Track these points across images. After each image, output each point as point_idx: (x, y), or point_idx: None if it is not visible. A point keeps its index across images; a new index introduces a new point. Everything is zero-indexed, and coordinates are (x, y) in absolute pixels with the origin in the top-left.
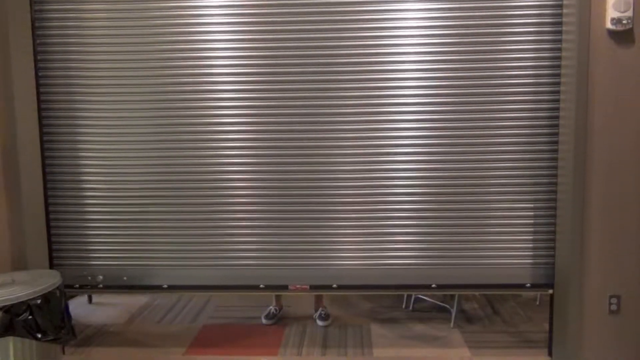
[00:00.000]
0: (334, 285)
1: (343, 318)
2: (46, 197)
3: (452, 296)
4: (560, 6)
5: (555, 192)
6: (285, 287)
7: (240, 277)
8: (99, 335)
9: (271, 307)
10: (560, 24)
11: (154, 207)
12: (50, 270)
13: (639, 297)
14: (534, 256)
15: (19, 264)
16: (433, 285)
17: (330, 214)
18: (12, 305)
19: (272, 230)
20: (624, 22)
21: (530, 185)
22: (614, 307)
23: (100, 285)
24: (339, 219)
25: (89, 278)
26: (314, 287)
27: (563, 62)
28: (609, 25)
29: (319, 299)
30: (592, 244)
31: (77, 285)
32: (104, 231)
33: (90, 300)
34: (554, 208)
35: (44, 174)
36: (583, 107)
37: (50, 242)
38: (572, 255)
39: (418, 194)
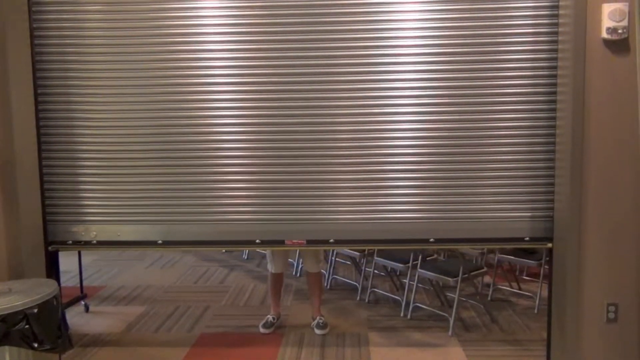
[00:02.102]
0: (331, 240)
1: (341, 326)
2: (40, 163)
3: (451, 305)
4: (557, 15)
5: (554, 143)
6: (281, 242)
7: (236, 233)
8: (96, 345)
9: (269, 315)
10: (556, 33)
11: (149, 162)
12: (47, 280)
13: (636, 305)
14: (532, 209)
15: (16, 272)
16: (431, 240)
17: (327, 167)
18: (9, 315)
19: (269, 184)
20: (620, 31)
21: (528, 137)
22: (611, 316)
23: (94, 242)
24: (337, 172)
25: (83, 234)
26: (310, 242)
27: (559, 71)
28: (604, 34)
29: (316, 308)
30: (590, 251)
31: (70, 242)
32: (97, 186)
33: (87, 309)
34: (553, 160)
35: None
36: (579, 115)
37: (43, 197)
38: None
39: (416, 147)
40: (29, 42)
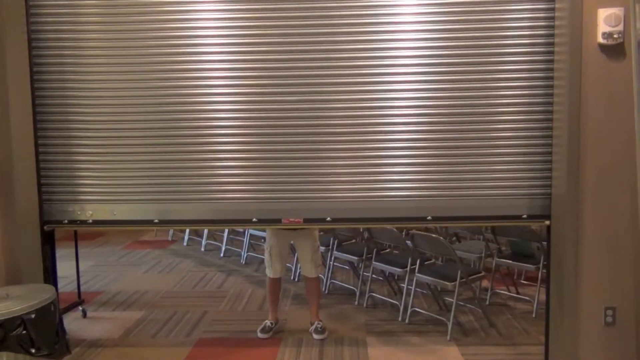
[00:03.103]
0: (328, 219)
1: (339, 331)
2: (36, 142)
3: (449, 309)
4: (553, 18)
5: (551, 119)
6: (278, 221)
7: (233, 211)
8: (94, 350)
9: (267, 320)
10: (552, 35)
11: (145, 140)
12: (45, 285)
13: (634, 308)
14: (530, 186)
15: (13, 278)
16: (429, 218)
17: (324, 146)
18: (6, 320)
19: (265, 163)
20: (615, 36)
21: (526, 114)
22: (609, 319)
23: (90, 221)
24: (334, 151)
25: (79, 213)
26: (307, 221)
27: (556, 73)
28: (600, 39)
29: (314, 313)
30: (587, 256)
31: (66, 221)
32: (93, 165)
33: (84, 314)
34: (550, 137)
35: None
36: (575, 119)
37: (38, 177)
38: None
39: (414, 124)
40: (26, 36)
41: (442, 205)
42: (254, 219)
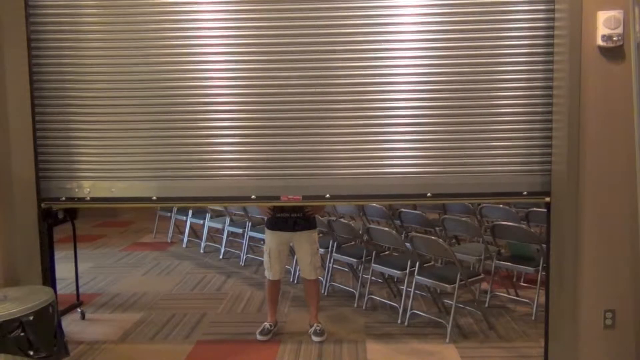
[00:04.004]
0: (327, 196)
1: (338, 333)
2: (33, 118)
3: (448, 311)
4: (552, 18)
5: (551, 95)
6: (277, 198)
7: (231, 188)
8: (92, 352)
9: (266, 322)
10: (552, 36)
11: (143, 116)
12: (43, 287)
13: (633, 311)
14: (530, 163)
15: (11, 279)
16: (428, 195)
17: (323, 122)
18: (4, 322)
19: (264, 139)
20: (615, 38)
21: (526, 89)
22: (609, 322)
23: (88, 198)
24: (333, 127)
25: (76, 190)
26: (306, 198)
27: (555, 74)
28: (600, 42)
29: (314, 315)
30: (586, 258)
31: (63, 198)
32: (91, 142)
33: (83, 316)
34: (550, 112)
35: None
36: (575, 122)
37: (35, 153)
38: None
39: (414, 100)
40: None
41: (442, 182)
42: (253, 196)
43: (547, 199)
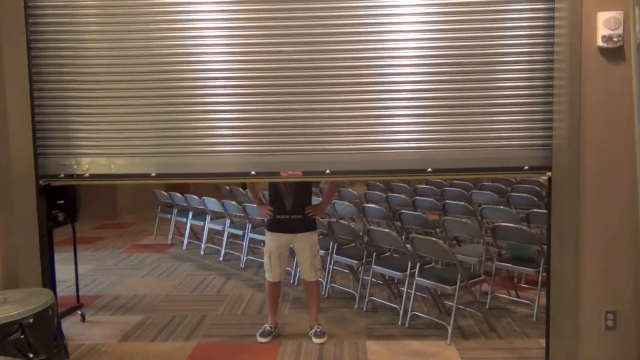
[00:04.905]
0: (327, 171)
1: (339, 335)
2: (32, 94)
3: (449, 313)
4: (552, 18)
5: (552, 69)
6: (277, 174)
7: (230, 164)
8: (92, 355)
9: (266, 324)
10: (552, 35)
11: (142, 92)
12: (43, 289)
13: (635, 312)
14: (531, 137)
15: (11, 282)
16: (429, 170)
17: (324, 97)
18: (4, 325)
19: (263, 114)
20: (615, 39)
21: (527, 63)
22: (610, 323)
23: (87, 175)
24: (334, 102)
25: (75, 167)
26: (306, 173)
27: (556, 74)
28: (600, 42)
29: (314, 317)
30: (587, 259)
31: (62, 175)
32: (89, 118)
33: (83, 318)
34: (551, 86)
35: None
36: (576, 123)
37: (34, 129)
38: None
39: (415, 75)
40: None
41: (442, 157)
42: (253, 172)
43: (549, 174)
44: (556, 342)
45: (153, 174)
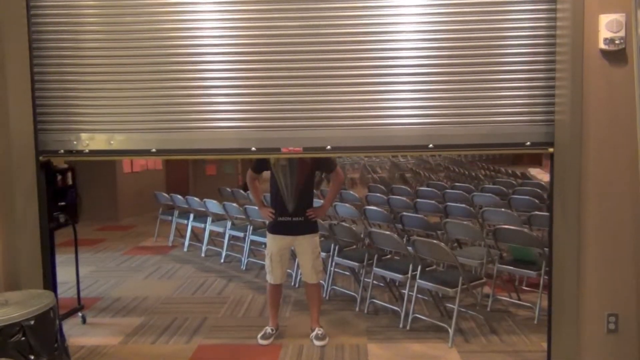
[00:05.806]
0: (328, 147)
1: (340, 337)
2: (32, 69)
3: (450, 315)
4: (554, 18)
5: (554, 44)
6: (277, 150)
7: (231, 140)
8: (93, 357)
9: (267, 327)
10: (553, 36)
11: (142, 67)
12: (44, 291)
13: (636, 315)
14: (533, 113)
15: (12, 284)
16: (430, 145)
17: (325, 72)
18: (5, 327)
19: (264, 90)
20: (617, 42)
21: (529, 38)
22: (612, 326)
23: (87, 151)
24: (334, 77)
25: (75, 143)
26: (307, 149)
27: (558, 75)
28: (602, 45)
29: (315, 319)
30: (589, 263)
31: (62, 151)
32: (89, 93)
33: (84, 320)
34: (554, 61)
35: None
36: (578, 126)
37: (34, 105)
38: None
39: (416, 50)
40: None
41: (444, 132)
42: (253, 148)
43: (551, 150)
44: (558, 345)
45: (153, 150)
